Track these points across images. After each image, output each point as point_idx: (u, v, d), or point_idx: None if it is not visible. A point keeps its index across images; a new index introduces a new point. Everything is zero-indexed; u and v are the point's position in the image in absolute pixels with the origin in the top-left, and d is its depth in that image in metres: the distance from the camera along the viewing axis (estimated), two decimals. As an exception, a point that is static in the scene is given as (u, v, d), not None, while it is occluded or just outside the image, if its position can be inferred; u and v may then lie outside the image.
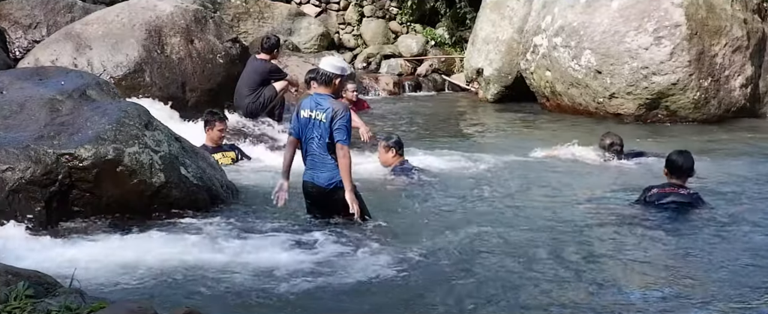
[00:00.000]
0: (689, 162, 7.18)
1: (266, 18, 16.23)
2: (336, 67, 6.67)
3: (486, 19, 15.10)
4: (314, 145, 6.65)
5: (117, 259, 5.67)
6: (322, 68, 6.67)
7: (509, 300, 5.17)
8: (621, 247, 6.22)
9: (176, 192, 6.90)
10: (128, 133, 6.74)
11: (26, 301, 3.73)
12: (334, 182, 6.63)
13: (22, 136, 6.67)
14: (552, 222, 6.90)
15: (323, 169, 6.64)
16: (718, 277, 5.56)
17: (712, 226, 6.71)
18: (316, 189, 6.71)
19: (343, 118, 6.54)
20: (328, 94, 6.65)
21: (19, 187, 6.27)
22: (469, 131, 12.09)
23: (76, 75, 8.12)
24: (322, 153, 6.63)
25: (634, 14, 12.36)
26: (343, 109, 6.63)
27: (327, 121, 6.54)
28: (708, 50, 12.33)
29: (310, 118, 6.64)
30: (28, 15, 12.34)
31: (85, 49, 10.78)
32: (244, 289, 5.29)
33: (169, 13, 11.32)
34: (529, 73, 13.69)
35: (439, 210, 7.42)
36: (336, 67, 6.67)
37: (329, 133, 6.54)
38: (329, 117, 6.53)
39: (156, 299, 4.86)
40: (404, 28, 17.65)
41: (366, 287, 5.43)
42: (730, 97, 12.56)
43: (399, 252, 6.02)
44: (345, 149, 6.59)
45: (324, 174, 6.65)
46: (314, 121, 6.61)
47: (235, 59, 11.74)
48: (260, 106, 10.99)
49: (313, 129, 6.62)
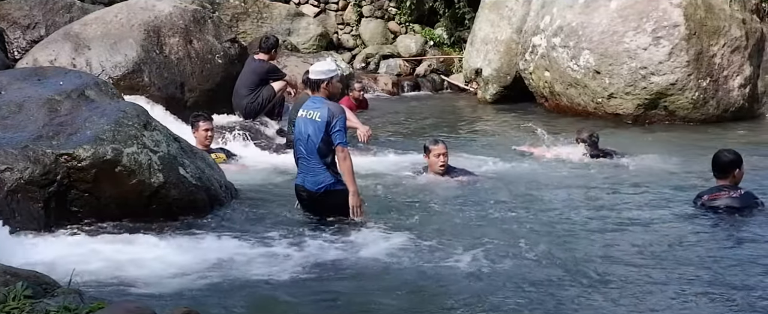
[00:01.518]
0: (725, 159, 7.10)
1: (265, 18, 16.22)
2: (320, 72, 6.76)
3: (485, 19, 15.10)
4: (302, 147, 6.68)
5: (115, 259, 5.66)
6: (310, 76, 6.80)
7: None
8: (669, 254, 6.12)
9: (175, 192, 6.90)
10: (127, 134, 6.73)
11: (25, 301, 3.73)
12: (322, 186, 6.66)
13: (20, 136, 6.66)
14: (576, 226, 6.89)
15: (312, 173, 6.68)
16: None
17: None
18: (307, 193, 6.75)
19: (339, 121, 6.57)
20: (322, 96, 6.73)
21: (17, 187, 6.26)
22: (468, 131, 12.08)
23: (74, 75, 8.11)
24: (309, 156, 6.66)
25: (633, 14, 12.37)
26: (340, 111, 6.67)
27: (321, 120, 6.57)
28: (706, 50, 12.34)
29: (304, 117, 6.67)
30: (26, 15, 12.31)
31: (84, 49, 10.77)
32: (242, 289, 5.28)
33: (168, 14, 11.32)
34: (527, 73, 13.69)
35: (441, 210, 7.42)
36: (320, 72, 6.76)
37: (323, 134, 6.55)
38: (325, 117, 6.56)
39: (154, 299, 4.85)
40: (403, 28, 17.65)
41: (366, 287, 5.42)
42: (728, 97, 12.57)
43: (400, 252, 6.02)
44: (345, 151, 6.61)
45: (312, 178, 6.68)
46: (308, 120, 6.64)
47: (233, 59, 11.73)
48: (259, 106, 11.00)
49: (307, 127, 6.64)
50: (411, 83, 16.39)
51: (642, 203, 7.60)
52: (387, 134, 11.49)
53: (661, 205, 7.51)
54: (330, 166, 6.67)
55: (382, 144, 10.53)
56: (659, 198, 7.78)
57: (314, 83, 6.76)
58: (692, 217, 7.02)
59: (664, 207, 7.44)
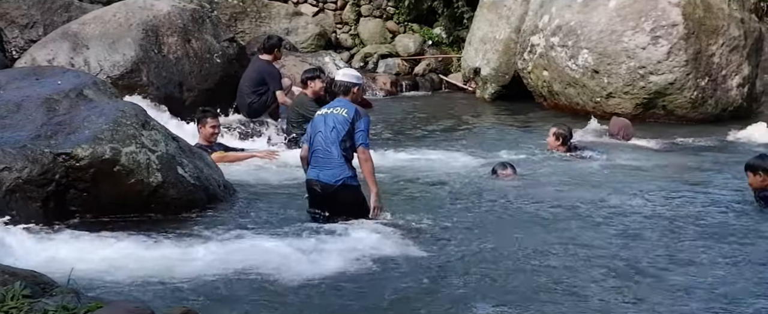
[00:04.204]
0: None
1: (263, 17, 16.20)
2: (353, 77, 7.05)
3: (483, 18, 15.10)
4: (320, 138, 6.66)
5: (114, 259, 5.66)
6: (340, 79, 6.99)
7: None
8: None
9: (173, 191, 6.90)
10: (125, 133, 6.73)
11: (23, 301, 3.72)
12: (340, 179, 6.63)
13: (19, 135, 6.66)
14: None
15: (328, 166, 6.64)
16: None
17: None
18: (322, 186, 6.68)
19: (364, 121, 6.71)
20: (348, 100, 6.88)
21: (16, 187, 6.26)
22: (467, 130, 12.07)
23: (72, 74, 8.11)
24: (326, 148, 6.63)
25: (632, 14, 12.36)
26: (365, 113, 6.86)
27: (348, 116, 6.66)
28: (705, 50, 12.34)
29: (327, 112, 6.75)
30: (24, 14, 12.30)
31: (82, 49, 10.75)
32: (240, 289, 5.28)
33: (167, 13, 11.30)
34: (526, 72, 13.69)
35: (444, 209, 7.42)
36: (353, 77, 7.05)
37: (348, 126, 6.61)
38: (351, 114, 6.67)
39: (153, 299, 4.85)
40: (401, 27, 17.62)
41: (367, 287, 5.42)
42: (727, 97, 12.57)
43: (401, 251, 6.02)
44: (367, 153, 6.69)
45: (329, 171, 6.64)
46: (329, 115, 6.70)
47: (232, 59, 11.72)
48: (263, 105, 10.99)
49: (326, 121, 6.67)
50: (409, 82, 16.37)
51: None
52: (388, 134, 11.49)
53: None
54: (348, 161, 6.71)
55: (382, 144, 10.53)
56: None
57: (345, 87, 6.93)
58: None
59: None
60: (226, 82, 11.34)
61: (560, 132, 9.75)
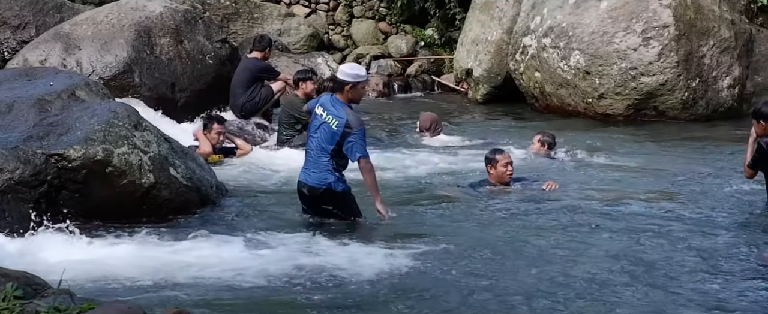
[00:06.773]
0: None
1: (256, 18, 16.19)
2: (347, 74, 6.57)
3: (475, 19, 15.12)
4: (313, 144, 6.65)
5: (106, 260, 5.67)
6: (337, 74, 6.71)
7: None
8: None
9: (166, 192, 6.90)
10: (117, 134, 6.73)
11: (15, 302, 3.73)
12: (325, 183, 6.61)
13: (10, 136, 6.66)
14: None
15: (316, 169, 6.63)
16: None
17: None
18: (308, 188, 6.70)
19: (356, 135, 6.46)
20: (344, 101, 6.57)
21: (7, 188, 6.26)
22: (459, 131, 12.08)
23: (65, 75, 8.11)
24: (318, 153, 6.61)
25: (623, 15, 12.40)
26: (358, 124, 6.53)
27: (338, 129, 6.46)
28: (696, 51, 12.39)
29: (322, 117, 6.61)
30: (16, 15, 12.28)
31: (74, 50, 10.74)
32: (233, 290, 5.29)
33: (159, 14, 11.29)
34: (518, 73, 13.71)
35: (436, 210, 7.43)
36: (347, 74, 6.57)
37: (336, 142, 6.48)
38: (341, 127, 6.45)
39: (145, 299, 4.86)
40: (394, 28, 17.63)
41: (359, 287, 5.42)
42: (718, 98, 12.62)
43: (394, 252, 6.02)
44: (369, 164, 6.54)
45: (316, 174, 6.64)
46: (324, 124, 6.58)
47: (224, 60, 11.72)
48: (256, 105, 11.00)
49: (320, 129, 6.60)
50: (402, 83, 16.37)
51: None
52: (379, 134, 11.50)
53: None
54: (336, 168, 6.61)
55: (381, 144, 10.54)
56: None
57: (338, 84, 6.60)
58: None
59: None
60: (218, 82, 11.34)
61: (545, 139, 9.89)
